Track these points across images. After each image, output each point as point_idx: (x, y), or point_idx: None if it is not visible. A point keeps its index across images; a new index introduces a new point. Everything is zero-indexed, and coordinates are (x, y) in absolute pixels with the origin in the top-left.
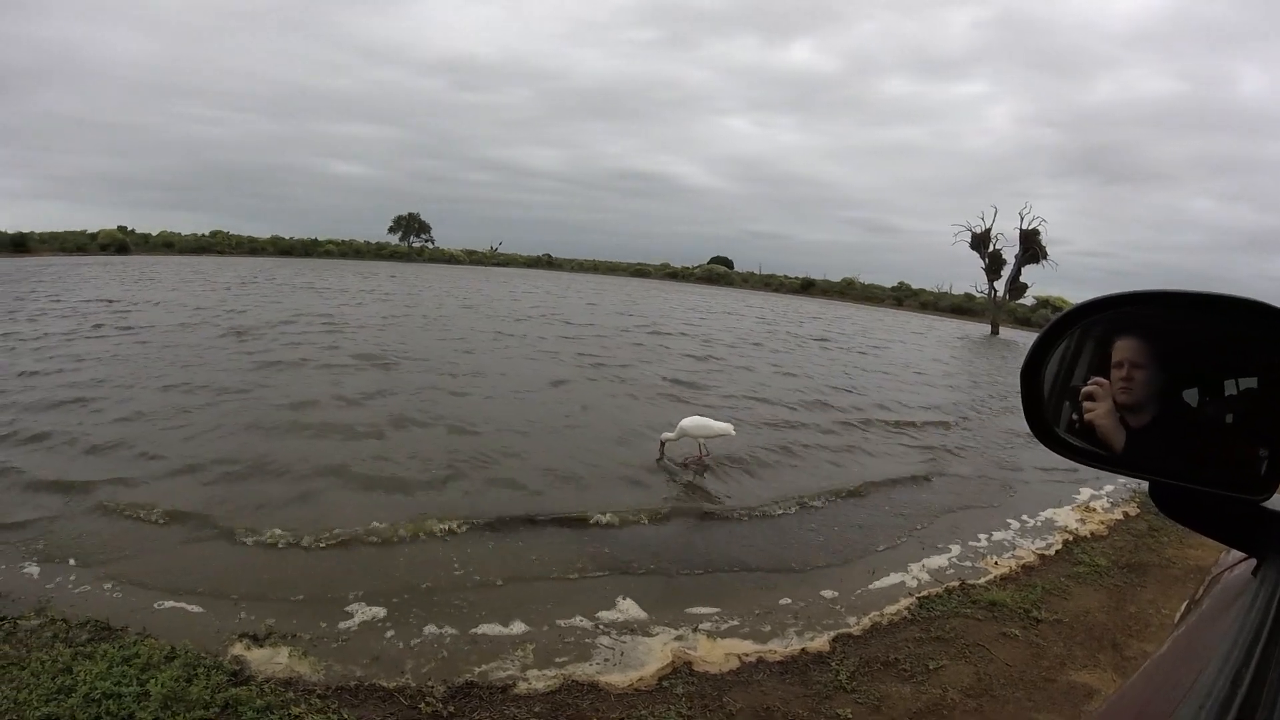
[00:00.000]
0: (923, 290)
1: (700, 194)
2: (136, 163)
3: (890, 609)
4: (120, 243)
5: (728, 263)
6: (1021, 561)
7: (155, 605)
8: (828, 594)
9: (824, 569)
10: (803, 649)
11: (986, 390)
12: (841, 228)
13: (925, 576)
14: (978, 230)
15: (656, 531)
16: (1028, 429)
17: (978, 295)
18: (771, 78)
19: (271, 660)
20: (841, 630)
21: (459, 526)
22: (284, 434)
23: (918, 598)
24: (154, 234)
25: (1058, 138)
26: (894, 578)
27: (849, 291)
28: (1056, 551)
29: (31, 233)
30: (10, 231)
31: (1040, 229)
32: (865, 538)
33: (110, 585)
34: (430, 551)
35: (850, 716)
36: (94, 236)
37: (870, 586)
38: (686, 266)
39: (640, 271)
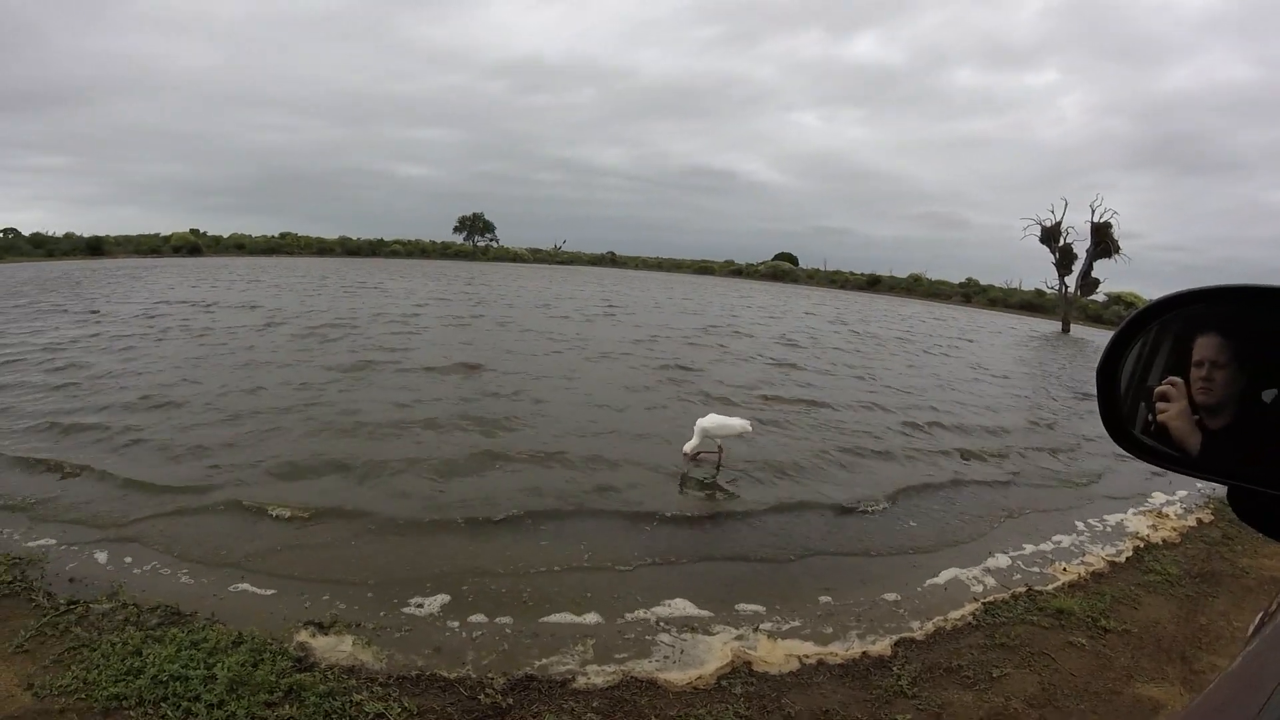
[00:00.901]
0: (991, 286)
1: (766, 190)
2: (208, 169)
3: (954, 614)
4: (192, 245)
5: (792, 259)
6: (1091, 568)
7: (224, 592)
8: (890, 596)
9: (887, 571)
10: (864, 652)
11: (1057, 391)
12: (909, 223)
13: (991, 581)
14: (1048, 224)
15: (721, 529)
16: (1101, 431)
17: (1048, 291)
18: (838, 72)
19: (335, 648)
20: (904, 634)
21: (524, 518)
22: (351, 431)
23: (983, 603)
24: (225, 236)
25: (1131, 128)
26: (959, 581)
27: (915, 288)
28: (1127, 559)
29: (107, 236)
30: (87, 235)
31: (1112, 222)
32: (931, 540)
33: (181, 572)
34: (494, 544)
35: None
36: (167, 239)
37: (934, 590)
38: (751, 263)
39: (704, 268)
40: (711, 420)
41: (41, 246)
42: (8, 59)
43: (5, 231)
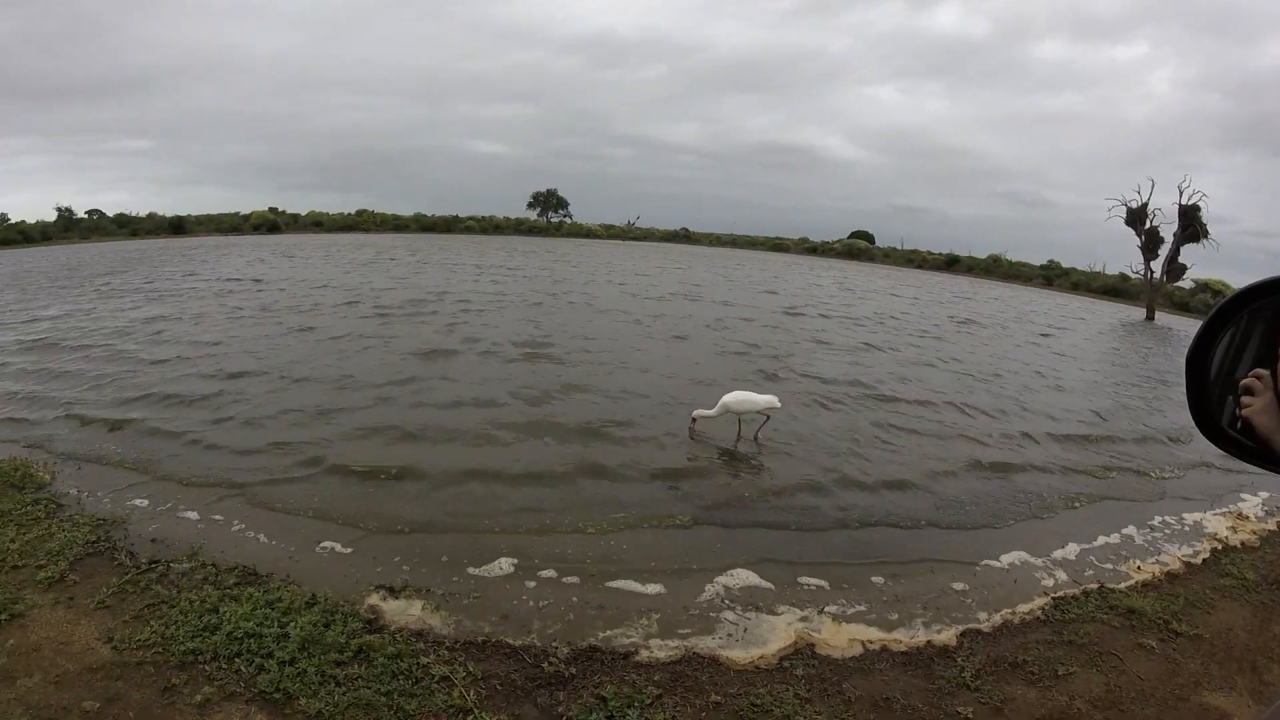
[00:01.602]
0: (1074, 269)
1: (842, 166)
2: (286, 149)
3: (1023, 607)
4: (271, 223)
5: (868, 237)
6: (1165, 568)
7: (300, 555)
8: (958, 585)
9: (957, 559)
10: (928, 641)
11: (1140, 381)
12: (990, 201)
13: (1063, 575)
14: (1133, 205)
15: (794, 510)
16: (1184, 424)
17: (1133, 276)
18: (917, 44)
19: (405, 611)
20: (970, 625)
21: (595, 493)
22: (427, 406)
23: (1053, 598)
24: (303, 214)
25: (1223, 105)
26: (1030, 574)
27: (995, 269)
28: (1203, 560)
29: (188, 215)
30: (169, 215)
31: (1201, 205)
32: (1004, 530)
33: (259, 535)
34: (565, 518)
35: (971, 716)
36: (247, 217)
37: (1004, 581)
38: (826, 241)
39: (779, 246)
40: (735, 396)
41: (125, 226)
42: (90, 50)
43: (90, 213)
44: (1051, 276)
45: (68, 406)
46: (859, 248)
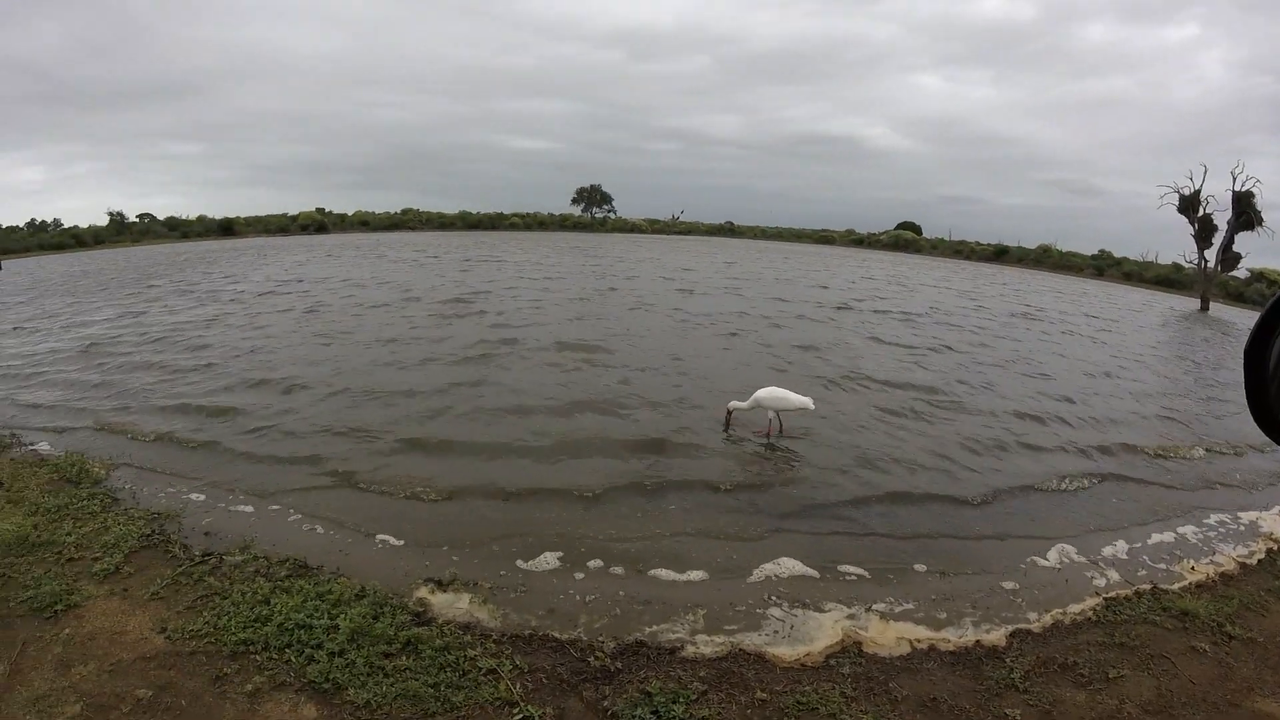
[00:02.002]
0: (1125, 259)
1: (887, 157)
2: (331, 149)
3: (1074, 607)
4: (319, 223)
5: (915, 229)
6: (1220, 569)
7: (350, 548)
8: (1008, 585)
9: (1007, 557)
10: (977, 641)
11: (1195, 375)
12: (1038, 190)
13: (1115, 575)
14: (1185, 192)
15: (844, 507)
16: (1240, 420)
17: (1186, 266)
18: (961, 29)
19: (453, 605)
20: (1020, 625)
21: (643, 488)
22: (480, 405)
23: (1105, 598)
24: (349, 213)
25: (1278, 87)
26: (1081, 573)
27: (1045, 259)
28: (1259, 561)
29: (237, 217)
30: (219, 217)
31: (1255, 191)
32: (1055, 528)
33: (311, 529)
34: (613, 512)
35: (1019, 718)
36: (295, 218)
37: (1054, 581)
38: (872, 233)
39: (825, 238)
40: (769, 392)
41: (176, 229)
42: (138, 55)
43: (141, 216)
44: (1103, 266)
45: (123, 406)
46: (906, 239)
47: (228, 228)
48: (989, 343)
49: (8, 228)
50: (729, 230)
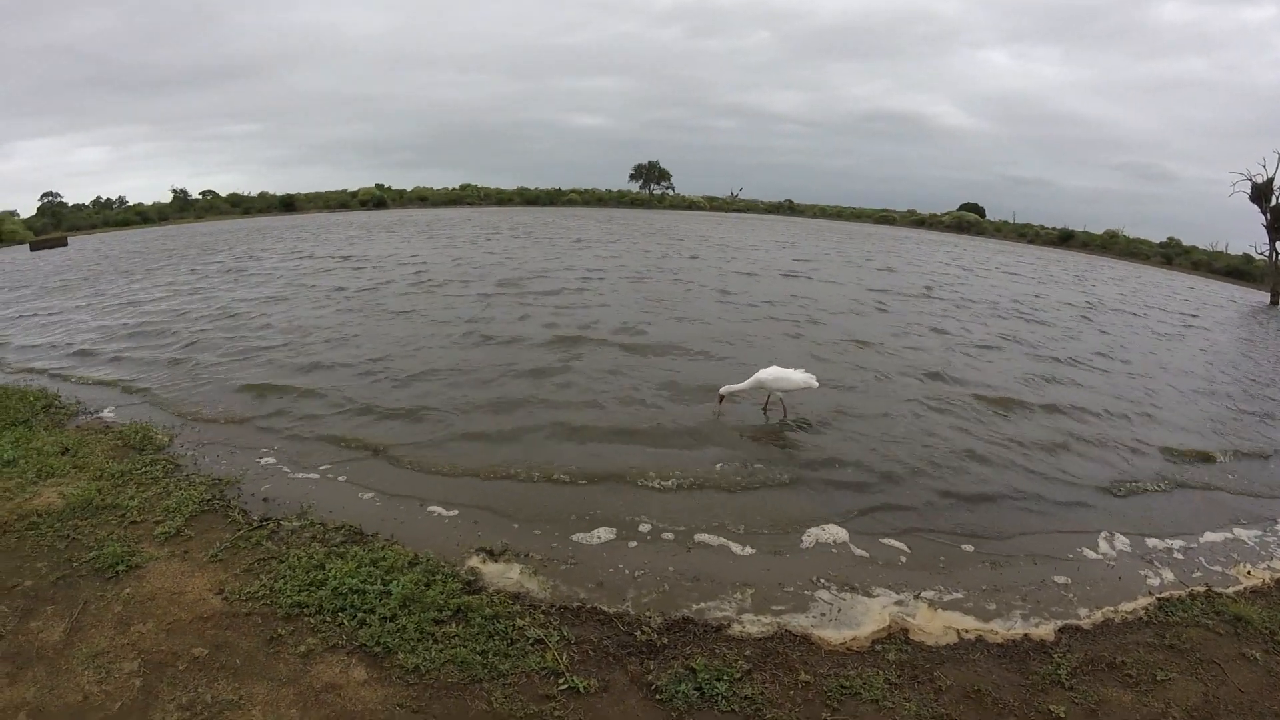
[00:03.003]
0: (1194, 248)
1: (952, 136)
2: (389, 127)
3: (1126, 606)
4: (378, 199)
5: (979, 210)
6: (1276, 574)
7: (405, 516)
8: (1060, 579)
9: (1061, 551)
10: (1026, 634)
11: (1262, 373)
12: (1107, 174)
13: (1169, 575)
14: (1259, 180)
15: (899, 495)
16: None
17: (1257, 257)
18: (1032, 4)
19: (503, 575)
20: (1070, 621)
21: (706, 470)
22: (539, 380)
23: (1158, 598)
24: (408, 190)
25: None
26: (1135, 571)
27: (1111, 245)
28: None
29: (298, 193)
30: (280, 194)
31: None
32: (1112, 524)
33: (367, 497)
34: (670, 492)
35: (1064, 716)
36: (354, 194)
37: (1108, 577)
38: (934, 214)
39: (885, 218)
40: (770, 372)
41: (239, 205)
42: (196, 38)
43: (204, 193)
44: (1171, 255)
45: (188, 377)
46: (968, 221)
47: (289, 204)
48: (1060, 336)
49: (74, 206)
50: (788, 209)
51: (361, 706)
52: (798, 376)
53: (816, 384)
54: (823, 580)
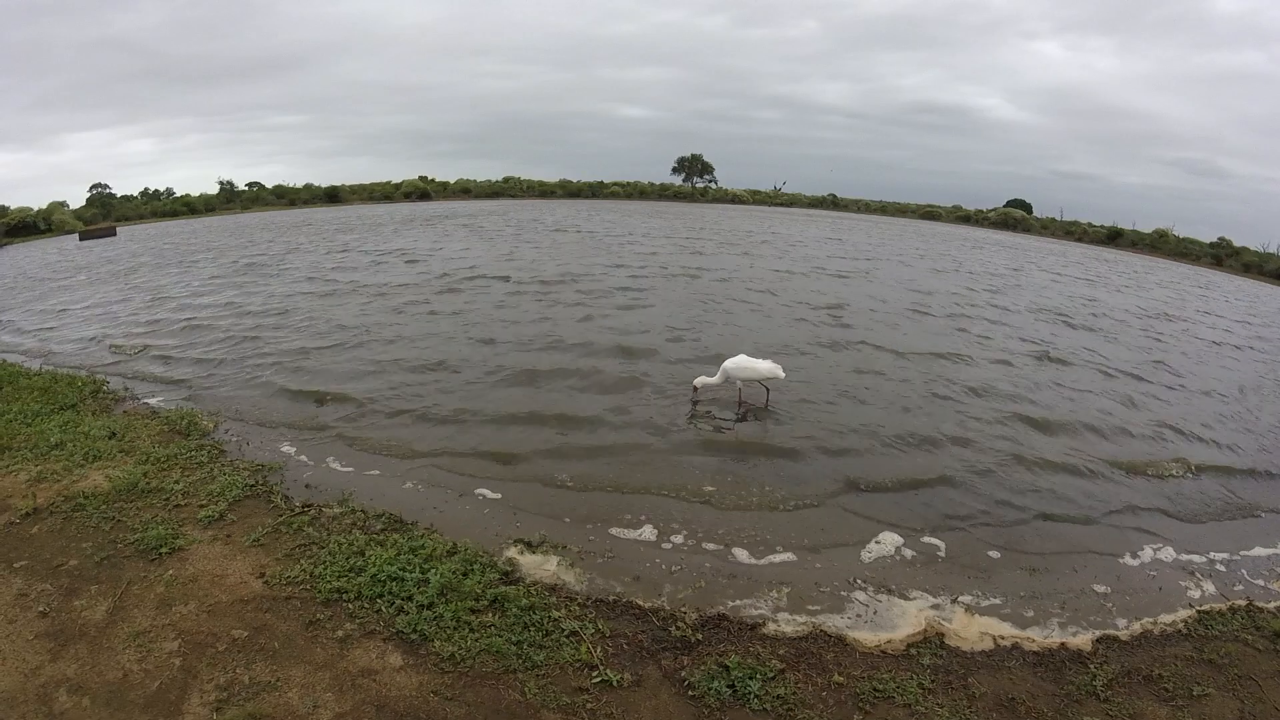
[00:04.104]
0: (1245, 249)
1: (1001, 128)
2: (433, 118)
3: (1165, 618)
4: (421, 190)
5: (1025, 206)
6: None
7: (444, 506)
8: (1100, 588)
9: (1102, 560)
10: (1063, 643)
11: None
12: (1158, 169)
13: (1210, 588)
14: None
15: (941, 499)
16: None
17: None
18: None
19: (541, 566)
20: (1108, 631)
21: (751, 466)
22: (589, 381)
23: (1198, 610)
24: (451, 181)
25: None
26: (1175, 582)
27: (1160, 245)
28: None
29: (343, 184)
30: (324, 185)
31: None
32: (1154, 536)
33: (407, 486)
34: (710, 490)
35: None
36: (398, 186)
37: (1148, 588)
38: (980, 209)
39: (930, 213)
40: (735, 362)
41: (284, 196)
42: (242, 31)
43: (250, 185)
44: (1221, 256)
45: (235, 368)
46: (1015, 218)
47: (333, 195)
48: (1115, 345)
49: (123, 196)
50: (832, 203)
51: (396, 692)
52: (763, 366)
53: (783, 374)
54: (859, 581)
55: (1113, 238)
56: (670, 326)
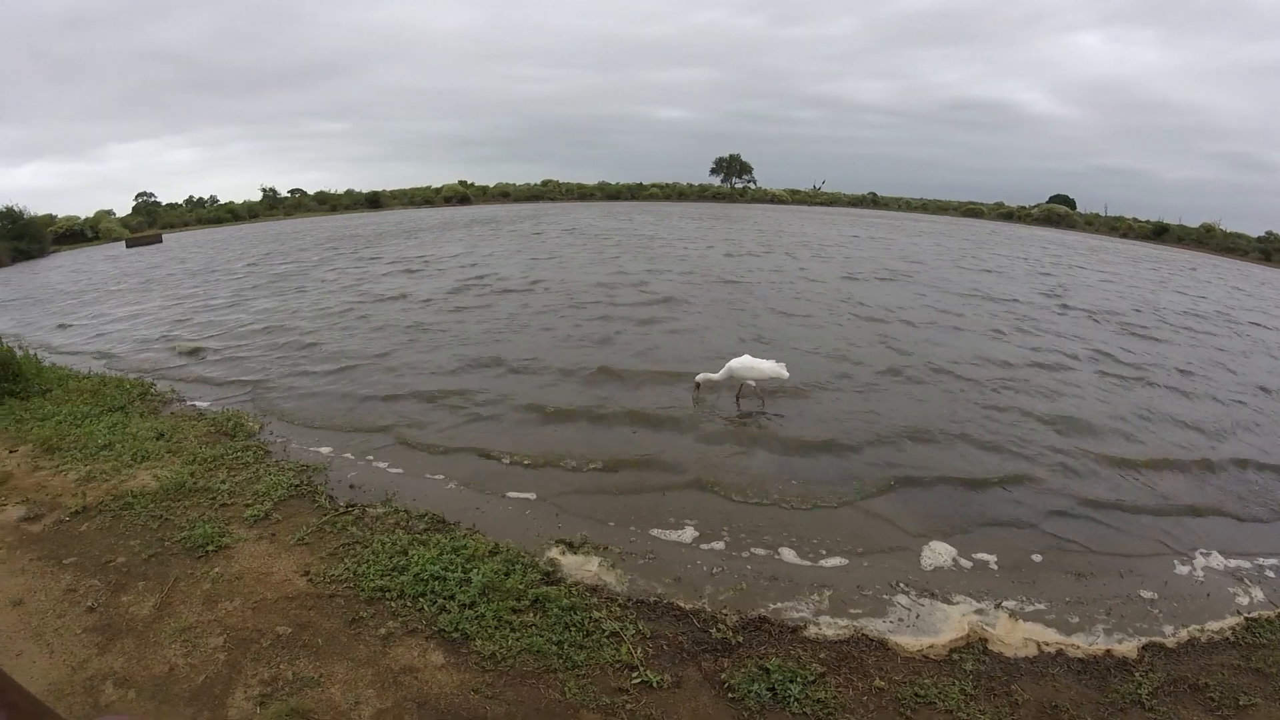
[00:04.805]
0: None
1: (1043, 124)
2: (472, 123)
3: (1213, 625)
4: (461, 195)
5: (1069, 202)
6: None
7: (487, 507)
8: (1147, 594)
9: (1150, 565)
10: (1108, 650)
11: None
12: (1204, 163)
13: (1260, 595)
14: None
15: (990, 501)
16: None
17: None
18: None
19: (582, 567)
20: (1154, 639)
21: (789, 469)
22: (626, 383)
23: (1246, 618)
24: (491, 185)
25: None
26: (1224, 589)
27: (1207, 240)
28: None
29: (384, 190)
30: (365, 190)
31: None
32: (1203, 540)
33: (450, 486)
34: (752, 491)
35: None
36: (438, 190)
37: (1195, 594)
38: (1023, 206)
39: (972, 211)
40: (741, 361)
41: (326, 202)
42: (284, 39)
43: (292, 191)
44: (1270, 250)
45: (281, 370)
46: (1059, 214)
47: (374, 200)
48: (1169, 343)
49: (168, 204)
50: (873, 201)
51: (437, 690)
52: (766, 366)
53: (786, 374)
54: (902, 585)
55: (1158, 233)
56: (714, 328)
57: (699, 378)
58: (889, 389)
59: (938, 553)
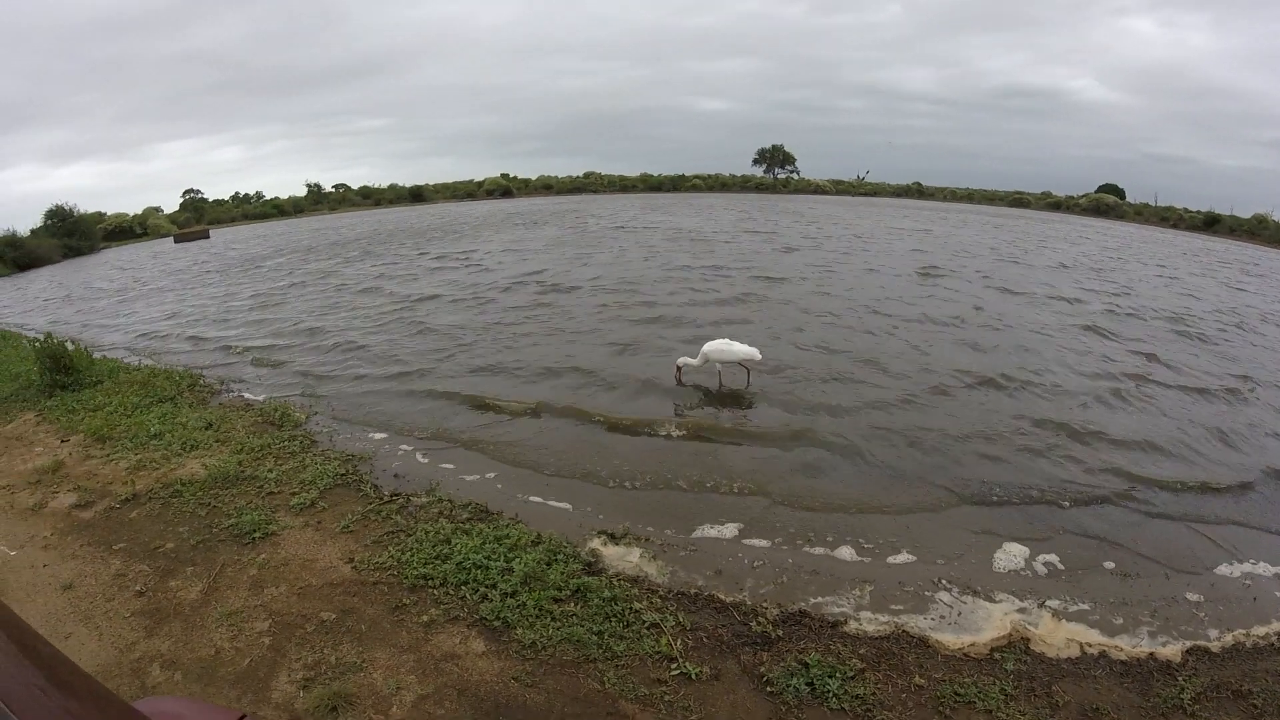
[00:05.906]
0: None
1: (1092, 111)
2: (513, 117)
3: (1259, 630)
4: (504, 188)
5: (1118, 191)
6: None
7: (529, 498)
8: (1193, 597)
9: (1198, 567)
10: (1151, 653)
11: None
12: (1258, 151)
13: None
14: None
15: (1035, 497)
16: None
17: None
18: None
19: (623, 558)
20: (1199, 642)
21: (832, 464)
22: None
23: None
24: (533, 179)
25: None
26: (1271, 593)
27: (1260, 231)
28: None
29: (426, 184)
30: (409, 185)
31: None
32: (1252, 543)
33: (494, 476)
34: (792, 484)
35: None
36: (481, 184)
37: (1242, 598)
38: (1070, 196)
39: (1019, 200)
40: (714, 345)
41: (369, 197)
42: (326, 39)
43: (336, 187)
44: None
45: (326, 362)
46: (1107, 203)
47: (418, 194)
48: (1222, 347)
49: (215, 201)
50: (917, 192)
51: (478, 677)
52: (739, 349)
53: (759, 356)
54: (943, 582)
55: (1210, 224)
56: (759, 330)
57: (679, 361)
58: (935, 387)
59: (980, 551)
